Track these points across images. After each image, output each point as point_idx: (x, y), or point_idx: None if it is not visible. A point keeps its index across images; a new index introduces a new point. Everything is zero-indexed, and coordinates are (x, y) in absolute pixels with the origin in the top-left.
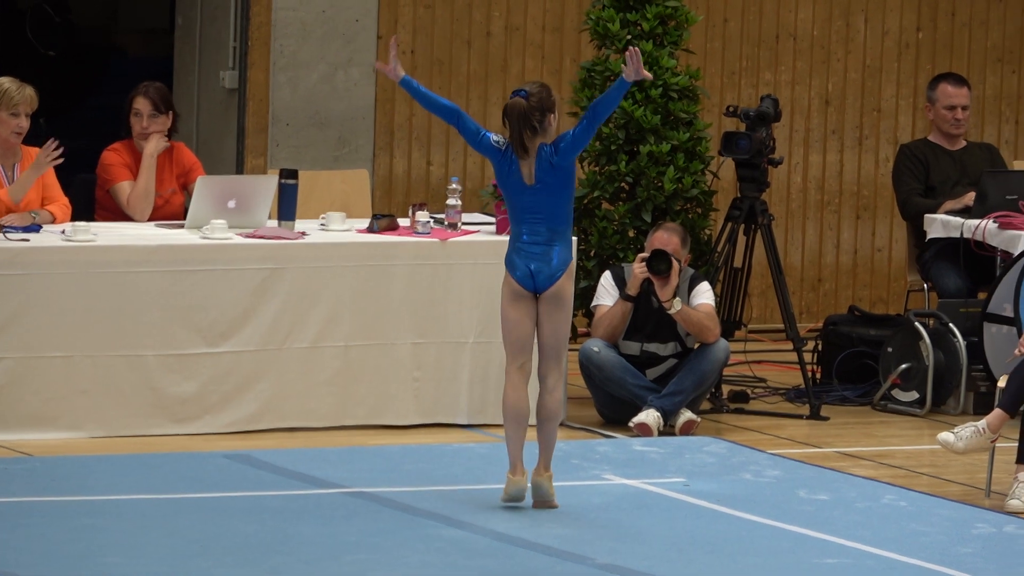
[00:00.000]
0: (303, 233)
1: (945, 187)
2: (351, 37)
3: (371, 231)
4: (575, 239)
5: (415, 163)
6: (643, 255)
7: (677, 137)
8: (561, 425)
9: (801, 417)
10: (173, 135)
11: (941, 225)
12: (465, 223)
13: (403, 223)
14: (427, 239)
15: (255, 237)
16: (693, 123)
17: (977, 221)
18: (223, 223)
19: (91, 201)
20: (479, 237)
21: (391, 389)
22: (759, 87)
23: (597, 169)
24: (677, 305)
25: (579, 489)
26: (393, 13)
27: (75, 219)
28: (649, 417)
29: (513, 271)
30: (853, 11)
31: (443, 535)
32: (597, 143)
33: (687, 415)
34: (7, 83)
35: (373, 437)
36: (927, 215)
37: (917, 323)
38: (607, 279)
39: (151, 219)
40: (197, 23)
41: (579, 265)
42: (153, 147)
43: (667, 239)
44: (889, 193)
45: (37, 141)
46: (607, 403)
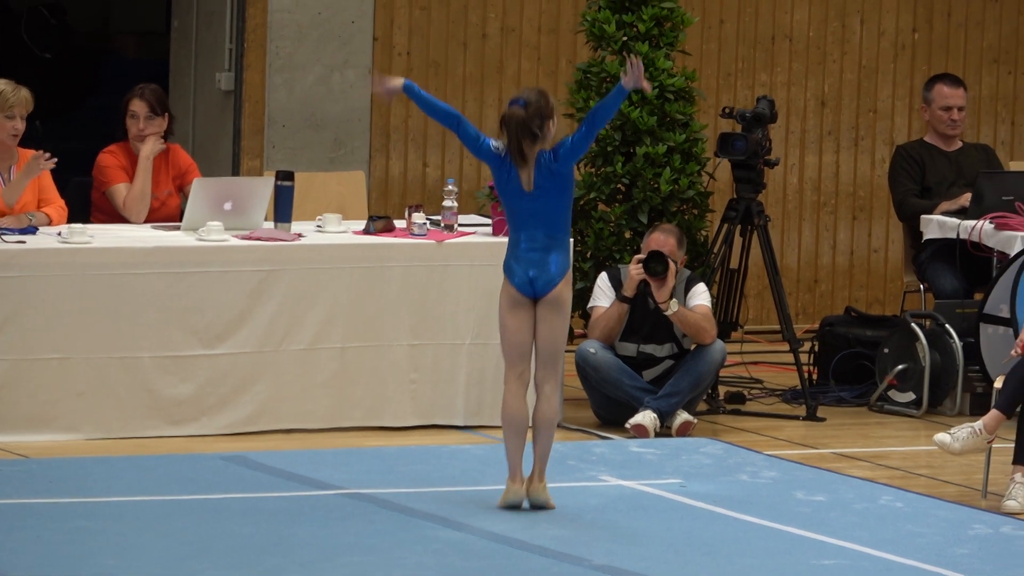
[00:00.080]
0: (299, 235)
1: (941, 188)
2: (347, 39)
3: (367, 233)
4: (571, 240)
5: (411, 165)
6: (639, 256)
7: (673, 138)
8: (558, 426)
9: (798, 418)
10: (169, 137)
11: (937, 226)
12: (461, 225)
13: (399, 225)
14: (423, 241)
15: (251, 239)
16: (689, 124)
17: (973, 222)
18: (219, 225)
19: (87, 203)
20: (475, 239)
21: (388, 391)
22: (755, 88)
23: (593, 170)
24: (674, 306)
25: (575, 490)
26: (389, 15)
27: (71, 221)
28: (645, 418)
29: (512, 278)
30: (849, 12)
31: (440, 536)
32: (594, 144)
33: (683, 416)
34: (2, 85)
35: (370, 438)
36: (923, 216)
37: (913, 324)
38: (603, 280)
39: (147, 221)
40: (193, 25)
41: (575, 266)
42: (149, 149)
43: (663, 240)
44: (885, 194)
45: (33, 144)
46: (603, 404)
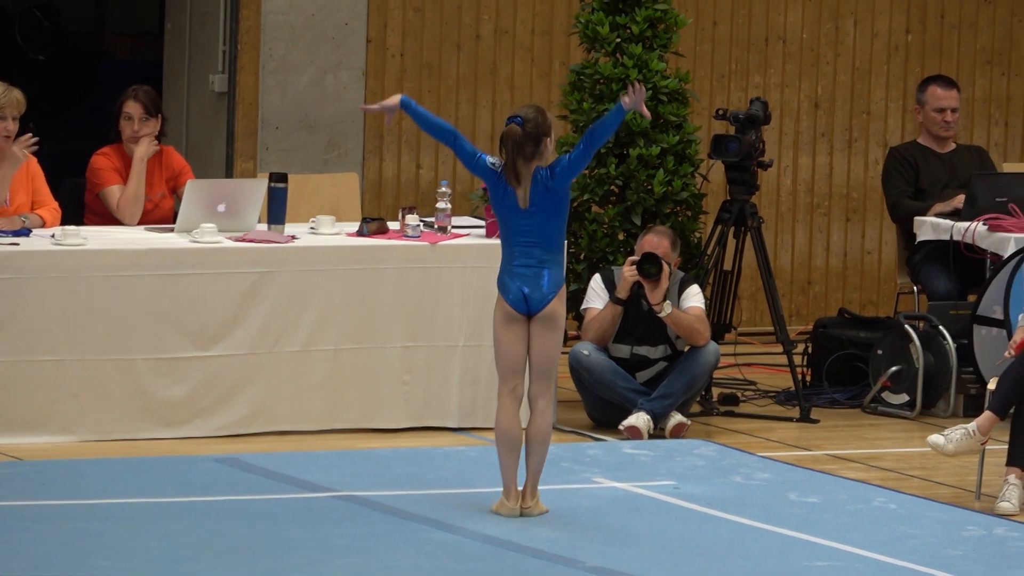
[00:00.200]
0: (293, 237)
1: (935, 189)
2: (340, 40)
3: (361, 234)
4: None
5: (405, 166)
6: (633, 258)
7: (667, 140)
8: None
9: (791, 420)
10: (162, 139)
11: (931, 227)
12: (455, 226)
13: (393, 227)
14: (417, 242)
15: (245, 241)
16: (683, 126)
17: (967, 223)
18: (213, 227)
19: (80, 205)
20: (469, 240)
21: (381, 392)
22: (748, 90)
23: (587, 172)
24: (667, 308)
25: (569, 492)
26: (382, 16)
27: (65, 223)
28: (639, 420)
29: (506, 294)
30: (842, 14)
31: (433, 538)
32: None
33: (677, 418)
34: None
35: (363, 440)
36: (917, 217)
37: (907, 325)
38: (597, 282)
39: (141, 223)
40: (186, 27)
41: (569, 268)
42: (144, 151)
43: (657, 242)
44: (879, 196)
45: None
46: (597, 406)
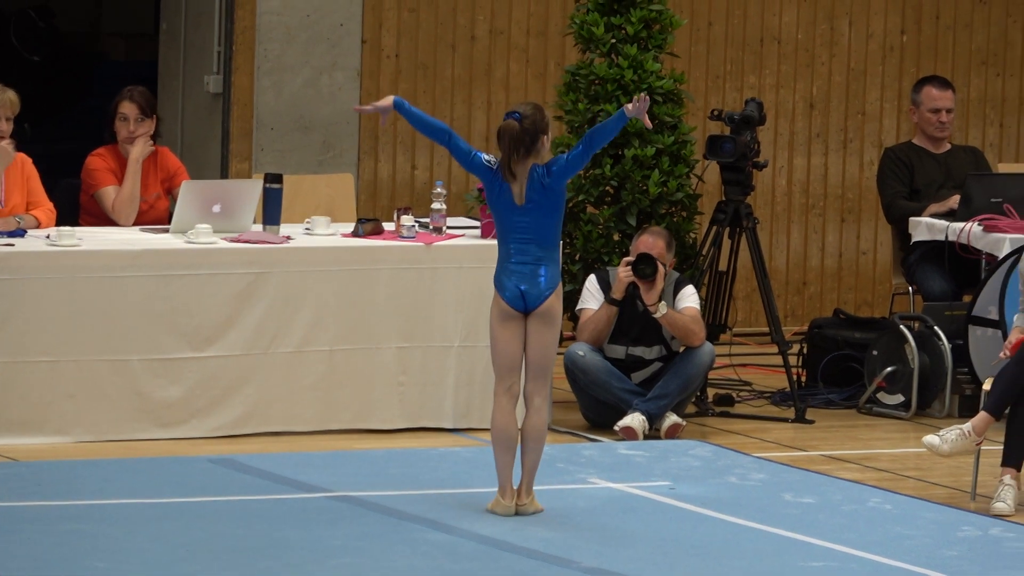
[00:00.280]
0: (288, 237)
1: (930, 190)
2: (335, 41)
3: (356, 235)
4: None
5: (400, 167)
6: (628, 259)
7: (662, 141)
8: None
9: (786, 420)
10: (156, 140)
11: (926, 228)
12: (450, 227)
13: (388, 227)
14: (412, 243)
15: (240, 241)
16: (678, 127)
17: (962, 224)
18: (208, 227)
19: (76, 206)
20: (464, 241)
21: (376, 393)
22: (743, 91)
23: (582, 173)
24: (662, 309)
25: (564, 493)
26: (377, 17)
27: (60, 224)
28: (634, 421)
29: (502, 292)
30: (837, 14)
31: (429, 539)
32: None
33: (672, 418)
34: None
35: (358, 441)
36: (912, 218)
37: (902, 326)
38: (592, 283)
39: (136, 224)
40: (181, 27)
41: (564, 269)
42: (139, 151)
43: (652, 243)
44: (874, 196)
45: (23, 147)
46: (592, 407)
